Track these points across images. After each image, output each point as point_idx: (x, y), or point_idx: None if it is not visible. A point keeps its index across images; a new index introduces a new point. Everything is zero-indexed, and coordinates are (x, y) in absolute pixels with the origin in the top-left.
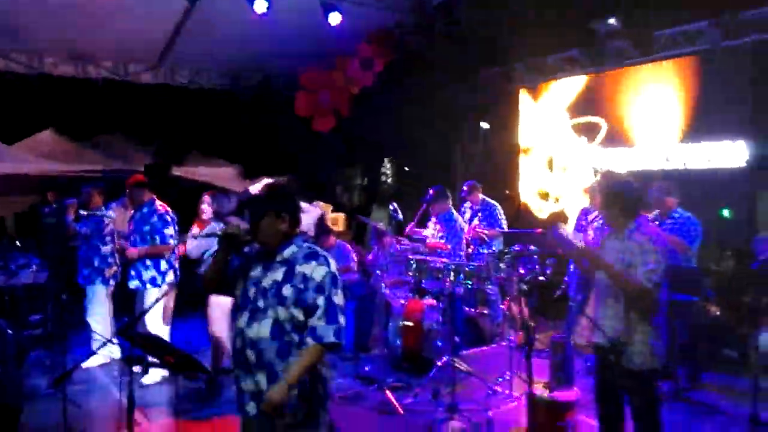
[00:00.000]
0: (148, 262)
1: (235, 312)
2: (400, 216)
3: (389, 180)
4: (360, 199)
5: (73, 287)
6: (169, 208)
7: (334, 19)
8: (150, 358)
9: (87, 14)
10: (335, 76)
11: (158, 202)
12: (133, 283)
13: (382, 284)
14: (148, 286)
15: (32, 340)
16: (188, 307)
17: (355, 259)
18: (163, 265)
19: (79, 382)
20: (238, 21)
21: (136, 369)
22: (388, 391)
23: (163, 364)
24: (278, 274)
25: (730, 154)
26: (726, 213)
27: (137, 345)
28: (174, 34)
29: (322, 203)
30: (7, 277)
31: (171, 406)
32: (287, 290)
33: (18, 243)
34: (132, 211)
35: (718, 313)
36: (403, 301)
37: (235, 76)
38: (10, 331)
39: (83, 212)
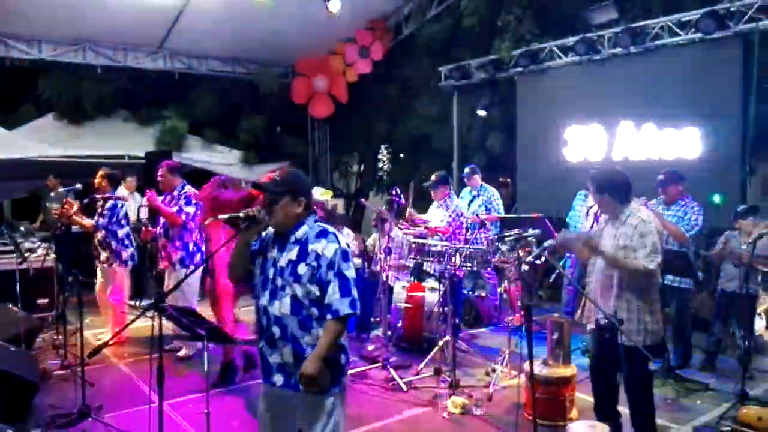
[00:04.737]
0: (178, 243)
1: (256, 291)
2: (403, 201)
3: (385, 166)
4: (357, 186)
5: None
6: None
7: (334, 6)
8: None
9: (87, 1)
10: (332, 62)
11: (188, 187)
12: (162, 264)
13: (384, 268)
14: (177, 267)
15: (41, 322)
16: None
17: (356, 243)
18: (191, 247)
19: (92, 362)
20: (237, 7)
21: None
22: (392, 370)
23: (195, 335)
24: (293, 254)
25: (724, 139)
26: (717, 199)
27: (169, 318)
28: (174, 21)
29: (322, 189)
30: (18, 260)
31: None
32: (302, 268)
33: (22, 228)
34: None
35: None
36: (404, 284)
37: (234, 63)
38: (20, 313)
39: (98, 197)
